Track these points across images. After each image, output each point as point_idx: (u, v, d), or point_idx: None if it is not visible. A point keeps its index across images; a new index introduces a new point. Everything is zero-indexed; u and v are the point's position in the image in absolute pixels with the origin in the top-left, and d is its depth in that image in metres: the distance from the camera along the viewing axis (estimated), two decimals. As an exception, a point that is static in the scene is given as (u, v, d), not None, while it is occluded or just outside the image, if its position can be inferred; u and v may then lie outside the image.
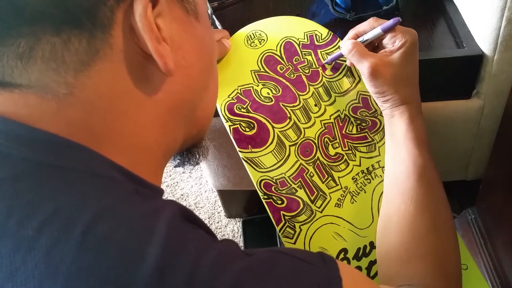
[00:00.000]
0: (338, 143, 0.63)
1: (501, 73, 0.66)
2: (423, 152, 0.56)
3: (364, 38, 0.60)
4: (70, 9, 0.30)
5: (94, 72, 0.32)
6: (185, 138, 0.42)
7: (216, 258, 0.30)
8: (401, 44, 0.56)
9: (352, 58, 0.59)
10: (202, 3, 0.40)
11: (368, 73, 0.56)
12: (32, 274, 0.27)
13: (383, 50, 0.58)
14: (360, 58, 0.58)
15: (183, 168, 1.20)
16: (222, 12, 0.81)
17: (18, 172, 0.30)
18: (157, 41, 0.33)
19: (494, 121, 0.73)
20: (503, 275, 0.78)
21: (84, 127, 0.33)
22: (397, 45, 0.57)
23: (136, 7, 0.32)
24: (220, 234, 1.14)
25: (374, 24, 0.59)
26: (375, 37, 0.59)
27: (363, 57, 0.57)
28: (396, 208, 0.55)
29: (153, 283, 0.27)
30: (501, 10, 0.60)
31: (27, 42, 0.30)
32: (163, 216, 0.30)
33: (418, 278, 0.49)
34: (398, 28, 0.57)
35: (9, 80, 0.31)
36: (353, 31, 0.61)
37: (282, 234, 0.57)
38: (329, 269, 0.34)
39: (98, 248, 0.27)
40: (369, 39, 0.59)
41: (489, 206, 0.82)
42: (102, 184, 0.31)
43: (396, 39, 0.57)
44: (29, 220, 0.28)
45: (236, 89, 0.62)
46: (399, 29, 0.57)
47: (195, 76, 0.40)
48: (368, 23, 0.60)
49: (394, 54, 0.57)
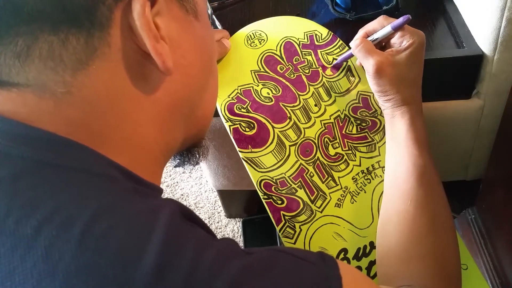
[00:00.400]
0: (338, 143, 0.63)
1: (501, 73, 0.66)
2: (424, 152, 0.56)
3: (374, 37, 0.59)
4: (68, 8, 0.30)
5: (92, 71, 0.32)
6: (185, 137, 0.42)
7: (215, 256, 0.30)
8: (409, 45, 0.56)
9: (359, 53, 0.58)
10: (202, 2, 0.40)
11: (373, 70, 0.56)
12: (31, 273, 0.27)
13: (390, 50, 0.58)
14: (366, 55, 0.57)
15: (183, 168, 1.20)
16: (222, 12, 0.81)
17: (17, 171, 0.30)
18: (156, 39, 0.33)
19: (494, 121, 0.73)
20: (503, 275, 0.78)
21: (82, 126, 0.33)
22: (404, 45, 0.57)
23: (134, 6, 0.32)
24: (220, 234, 1.14)
25: (384, 23, 0.58)
26: (385, 36, 0.58)
27: (370, 54, 0.57)
28: (396, 208, 0.54)
29: (152, 282, 0.27)
30: (501, 10, 0.60)
31: (25, 41, 0.30)
32: (162, 215, 0.30)
33: (418, 278, 0.49)
34: (406, 28, 0.57)
35: (6, 79, 0.31)
36: (363, 30, 0.61)
37: (282, 234, 0.57)
38: (329, 268, 0.34)
39: (97, 247, 0.27)
40: (379, 38, 0.59)
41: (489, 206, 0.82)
42: (101, 183, 0.31)
43: (404, 39, 0.57)
44: (28, 218, 0.28)
45: (236, 89, 0.62)
46: (408, 29, 0.57)
47: (194, 75, 0.40)
48: (377, 21, 0.59)
49: (400, 54, 0.56)
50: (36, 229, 0.28)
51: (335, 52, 0.66)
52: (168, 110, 0.38)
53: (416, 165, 0.55)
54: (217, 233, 1.14)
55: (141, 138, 0.36)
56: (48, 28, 0.30)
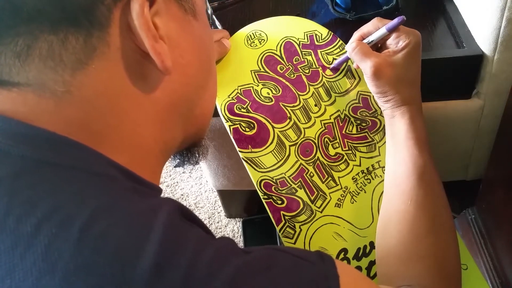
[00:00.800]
0: (338, 143, 0.63)
1: (501, 73, 0.66)
2: (424, 152, 0.56)
3: (370, 39, 0.59)
4: (67, 8, 0.30)
5: (91, 70, 0.32)
6: (184, 136, 0.42)
7: (214, 255, 0.30)
8: (405, 45, 0.56)
9: (356, 56, 0.58)
10: (200, 2, 0.40)
11: (371, 72, 0.56)
12: (31, 271, 0.27)
13: (386, 51, 0.58)
14: (363, 57, 0.57)
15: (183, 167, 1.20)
16: (222, 12, 0.81)
17: (17, 170, 0.30)
18: (154, 39, 0.33)
19: (494, 121, 0.73)
20: (503, 275, 0.78)
21: (82, 125, 0.33)
22: (400, 45, 0.57)
23: (133, 5, 0.32)
24: (220, 234, 1.14)
25: (379, 25, 0.58)
26: (380, 38, 0.58)
27: (367, 56, 0.57)
28: (396, 208, 0.54)
29: (150, 281, 0.27)
30: (501, 10, 0.60)
31: (25, 41, 0.30)
32: (161, 214, 0.30)
33: (418, 278, 0.49)
34: (402, 29, 0.57)
35: (7, 78, 0.31)
36: (358, 33, 0.61)
37: (282, 234, 0.57)
38: (327, 267, 0.34)
39: (96, 246, 0.28)
40: (374, 40, 0.59)
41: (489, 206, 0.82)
42: (100, 182, 0.31)
43: (400, 39, 0.57)
44: (27, 217, 0.28)
45: (236, 89, 0.62)
46: (403, 29, 0.57)
47: (193, 75, 0.40)
48: (372, 23, 0.59)
49: (397, 54, 0.56)
50: (36, 227, 0.28)
51: (335, 52, 0.66)
52: (167, 109, 0.38)
53: (416, 165, 0.55)
54: (217, 233, 1.14)
55: (140, 137, 0.36)
56: (48, 28, 0.30)
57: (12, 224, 0.28)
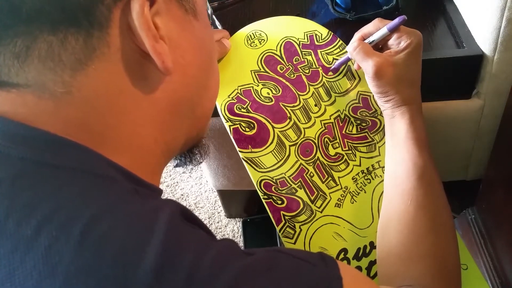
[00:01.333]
0: (338, 143, 0.63)
1: (501, 73, 0.66)
2: (423, 152, 0.56)
3: (371, 39, 0.59)
4: (67, 8, 0.30)
5: (91, 71, 0.32)
6: (186, 137, 0.42)
7: (215, 257, 0.30)
8: (407, 45, 0.56)
9: (357, 56, 0.58)
10: (201, 2, 0.40)
11: (373, 72, 0.56)
12: (31, 274, 0.27)
13: (388, 51, 0.58)
14: (365, 57, 0.57)
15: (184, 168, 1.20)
16: (222, 12, 0.81)
17: (17, 172, 0.30)
18: (155, 39, 0.33)
19: (494, 121, 0.73)
20: (503, 275, 0.78)
21: (82, 126, 0.33)
22: (402, 45, 0.57)
23: (133, 5, 0.32)
24: (220, 234, 1.14)
25: (379, 25, 0.58)
26: (381, 38, 0.58)
27: (369, 56, 0.57)
28: (396, 208, 0.54)
29: (152, 283, 0.27)
30: (501, 10, 0.60)
31: (24, 41, 0.30)
32: (162, 216, 0.30)
33: (418, 278, 0.49)
34: (403, 29, 0.57)
35: (6, 79, 0.31)
36: (359, 33, 0.61)
37: (282, 234, 0.57)
38: (330, 268, 0.34)
39: (97, 248, 0.27)
40: (376, 40, 0.59)
41: (489, 206, 0.82)
42: (100, 183, 0.31)
43: (401, 40, 0.57)
44: (28, 219, 0.28)
45: (236, 89, 0.62)
46: (404, 29, 0.57)
47: (193, 75, 0.39)
48: (373, 24, 0.59)
49: (399, 54, 0.56)
50: (36, 229, 0.28)
51: (335, 52, 0.66)
52: (168, 110, 0.38)
53: (416, 165, 0.55)
54: (217, 233, 1.14)
55: (140, 138, 0.36)
56: (47, 28, 0.30)
57: (12, 227, 0.28)
